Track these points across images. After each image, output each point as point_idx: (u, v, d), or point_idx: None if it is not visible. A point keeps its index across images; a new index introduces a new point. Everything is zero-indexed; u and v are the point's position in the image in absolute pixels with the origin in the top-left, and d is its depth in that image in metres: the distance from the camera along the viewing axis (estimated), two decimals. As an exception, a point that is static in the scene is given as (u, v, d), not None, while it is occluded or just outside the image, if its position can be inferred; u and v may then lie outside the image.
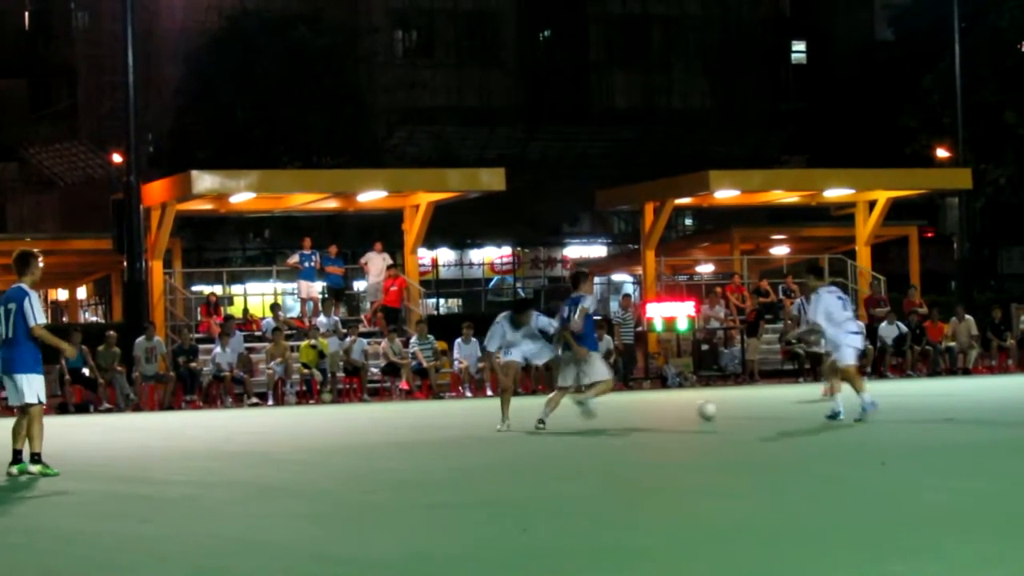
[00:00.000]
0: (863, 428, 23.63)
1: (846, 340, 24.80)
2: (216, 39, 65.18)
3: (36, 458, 19.33)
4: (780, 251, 59.11)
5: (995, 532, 11.67)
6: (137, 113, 44.19)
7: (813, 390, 32.88)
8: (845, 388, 25.10)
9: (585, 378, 24.82)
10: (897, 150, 62.53)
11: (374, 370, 43.37)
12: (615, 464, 19.83)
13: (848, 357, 24.72)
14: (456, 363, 43.58)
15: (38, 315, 18.98)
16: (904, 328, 46.91)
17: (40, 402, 19.37)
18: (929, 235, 59.74)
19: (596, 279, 62.70)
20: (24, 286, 19.02)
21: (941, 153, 61.70)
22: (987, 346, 48.41)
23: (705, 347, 46.86)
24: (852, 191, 50.49)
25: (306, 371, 41.97)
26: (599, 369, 25.12)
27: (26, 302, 18.83)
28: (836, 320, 24.76)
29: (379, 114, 68.01)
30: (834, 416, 24.68)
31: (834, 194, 50.81)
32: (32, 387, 19.27)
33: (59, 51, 76.66)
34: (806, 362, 44.44)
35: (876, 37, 78.08)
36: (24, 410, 19.36)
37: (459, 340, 43.53)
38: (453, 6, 72.88)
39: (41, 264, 19.39)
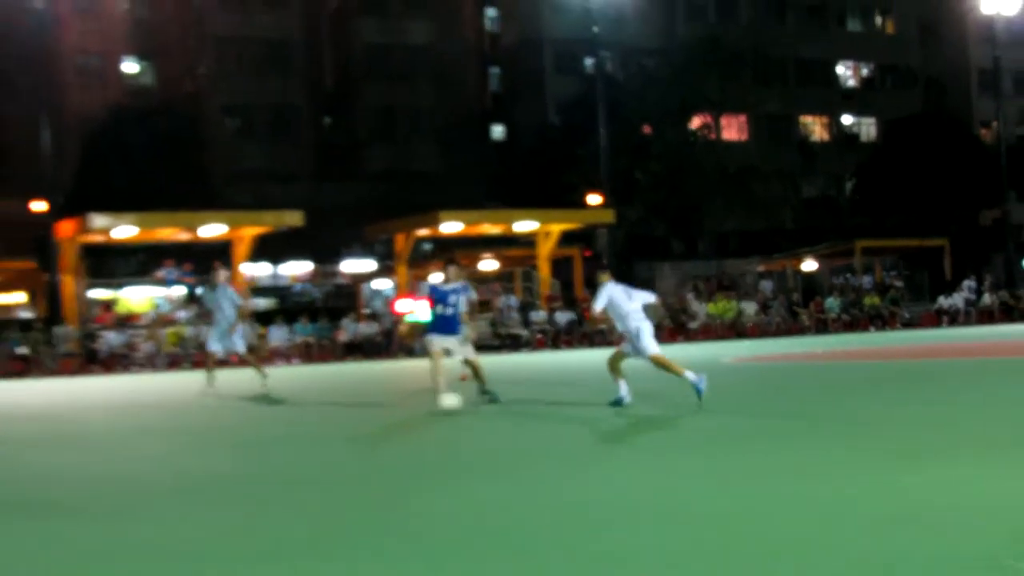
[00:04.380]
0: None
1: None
2: None
3: None
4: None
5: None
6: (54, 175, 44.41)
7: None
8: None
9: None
10: (565, 198, 63.87)
11: None
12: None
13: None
14: None
15: None
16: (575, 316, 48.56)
17: None
18: (587, 254, 61.23)
19: None
20: None
21: (594, 199, 63.38)
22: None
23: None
24: (538, 224, 51.91)
25: None
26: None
27: None
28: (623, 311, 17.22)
29: None
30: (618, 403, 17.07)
31: (525, 227, 52.16)
32: None
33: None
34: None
35: (548, 120, 79.17)
36: None
37: None
38: None
39: None
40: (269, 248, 48.96)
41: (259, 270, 48.99)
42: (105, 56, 68.96)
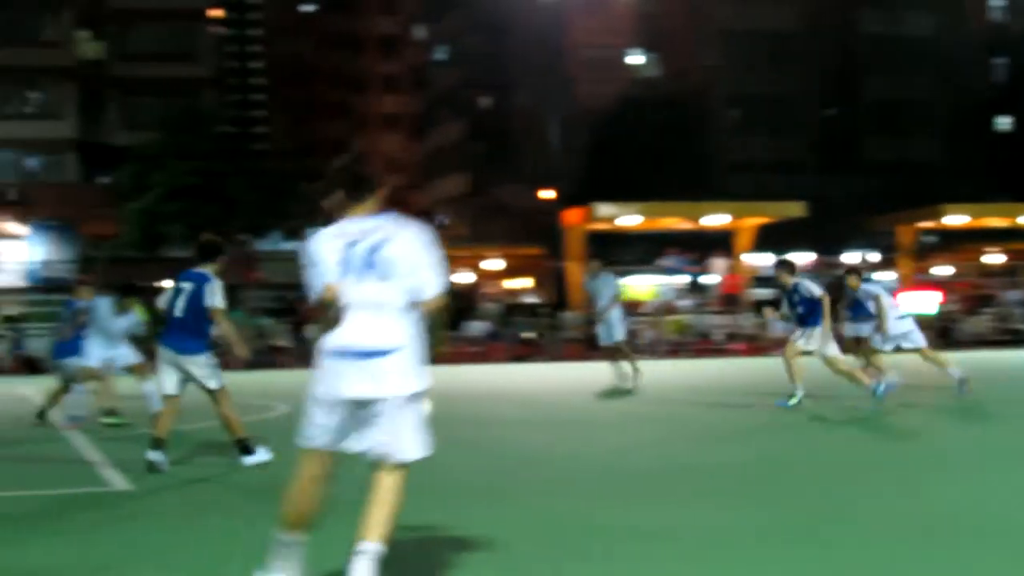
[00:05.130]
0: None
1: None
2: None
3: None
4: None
5: None
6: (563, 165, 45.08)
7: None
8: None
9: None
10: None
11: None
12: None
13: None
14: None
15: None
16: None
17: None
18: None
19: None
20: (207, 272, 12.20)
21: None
22: None
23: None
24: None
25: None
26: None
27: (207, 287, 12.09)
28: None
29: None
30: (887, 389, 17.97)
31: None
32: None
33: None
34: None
35: None
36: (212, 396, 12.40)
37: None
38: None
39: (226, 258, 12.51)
40: (772, 238, 48.35)
41: (762, 260, 48.53)
42: (612, 49, 69.90)
